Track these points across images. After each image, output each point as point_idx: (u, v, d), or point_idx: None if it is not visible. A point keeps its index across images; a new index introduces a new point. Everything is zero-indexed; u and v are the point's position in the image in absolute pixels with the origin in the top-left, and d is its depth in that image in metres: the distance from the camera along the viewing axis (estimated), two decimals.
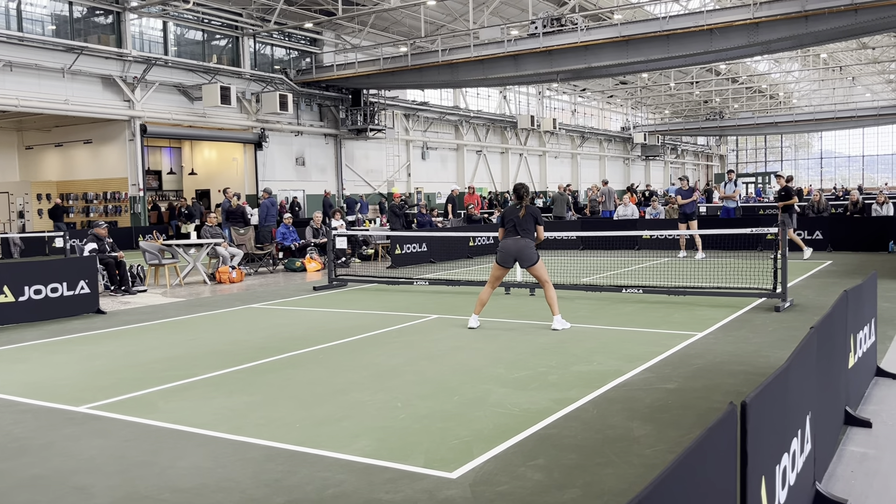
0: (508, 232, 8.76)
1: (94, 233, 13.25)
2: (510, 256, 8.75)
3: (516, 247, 8.69)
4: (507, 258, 8.78)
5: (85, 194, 28.65)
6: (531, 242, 8.68)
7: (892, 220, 17.79)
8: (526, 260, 8.67)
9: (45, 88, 23.62)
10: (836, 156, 73.29)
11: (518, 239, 8.68)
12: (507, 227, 8.77)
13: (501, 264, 8.85)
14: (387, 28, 34.57)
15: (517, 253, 8.69)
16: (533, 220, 8.69)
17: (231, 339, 8.59)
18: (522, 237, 8.66)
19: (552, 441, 4.71)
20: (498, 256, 8.85)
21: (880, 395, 5.65)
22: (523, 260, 8.70)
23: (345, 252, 17.30)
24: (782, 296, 9.65)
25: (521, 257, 8.70)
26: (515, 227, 8.70)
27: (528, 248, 8.65)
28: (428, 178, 39.90)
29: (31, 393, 6.30)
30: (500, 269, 8.89)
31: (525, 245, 8.64)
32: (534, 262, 8.65)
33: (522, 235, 8.65)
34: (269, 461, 4.50)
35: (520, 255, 8.69)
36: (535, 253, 8.69)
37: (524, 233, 8.65)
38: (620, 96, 58.12)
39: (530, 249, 8.66)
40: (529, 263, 8.67)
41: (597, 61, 26.11)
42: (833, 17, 21.61)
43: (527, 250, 8.64)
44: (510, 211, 8.85)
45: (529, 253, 8.64)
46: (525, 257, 8.66)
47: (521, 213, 8.65)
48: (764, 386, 2.73)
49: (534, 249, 8.69)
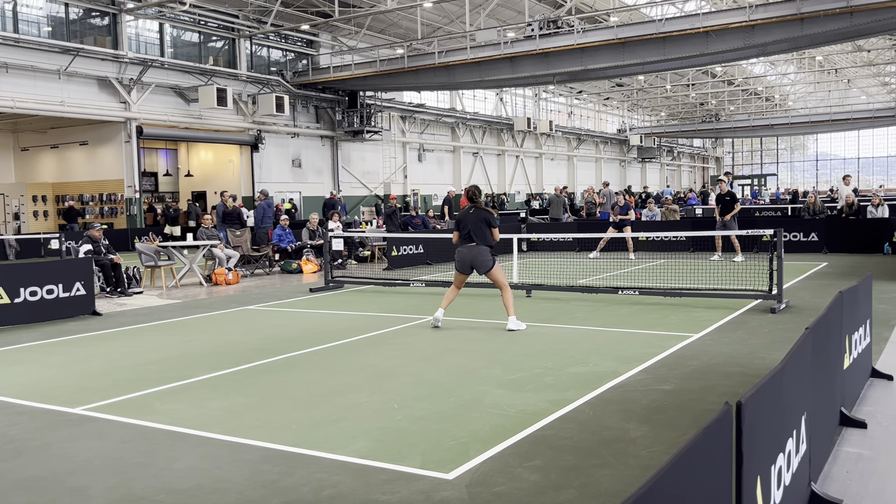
0: (464, 238, 8.82)
1: (89, 234, 13.23)
2: (466, 264, 8.84)
3: (471, 255, 8.77)
4: (464, 266, 8.89)
5: (81, 196, 28.59)
6: (486, 249, 8.71)
7: (888, 222, 17.84)
8: (481, 267, 8.75)
9: (40, 90, 23.58)
10: (832, 158, 73.48)
11: (472, 246, 8.74)
12: (463, 234, 8.84)
13: (460, 271, 8.95)
14: (383, 30, 34.59)
15: (472, 260, 8.77)
16: (486, 225, 8.72)
17: (227, 341, 8.58)
18: (477, 244, 8.70)
19: (548, 442, 4.71)
20: (456, 263, 8.97)
21: (875, 396, 5.67)
22: (479, 267, 8.77)
23: (341, 254, 17.30)
24: (778, 297, 9.68)
25: (476, 265, 8.77)
26: (470, 234, 8.75)
27: (482, 255, 8.70)
28: (424, 180, 39.90)
29: (27, 394, 6.29)
30: (460, 274, 8.99)
31: (479, 252, 8.69)
32: (489, 268, 8.73)
33: (477, 242, 8.70)
34: (265, 462, 4.50)
35: (475, 262, 8.76)
36: (489, 259, 8.73)
37: (478, 238, 8.69)
38: (617, 98, 58.20)
39: (484, 256, 8.70)
40: (485, 270, 8.76)
41: (593, 63, 26.16)
42: (828, 19, 21.68)
43: (480, 257, 8.70)
44: (464, 216, 8.89)
45: (483, 260, 8.70)
46: (480, 264, 8.74)
47: (473, 218, 8.72)
48: (759, 386, 2.74)
49: (488, 255, 8.72)
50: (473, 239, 8.72)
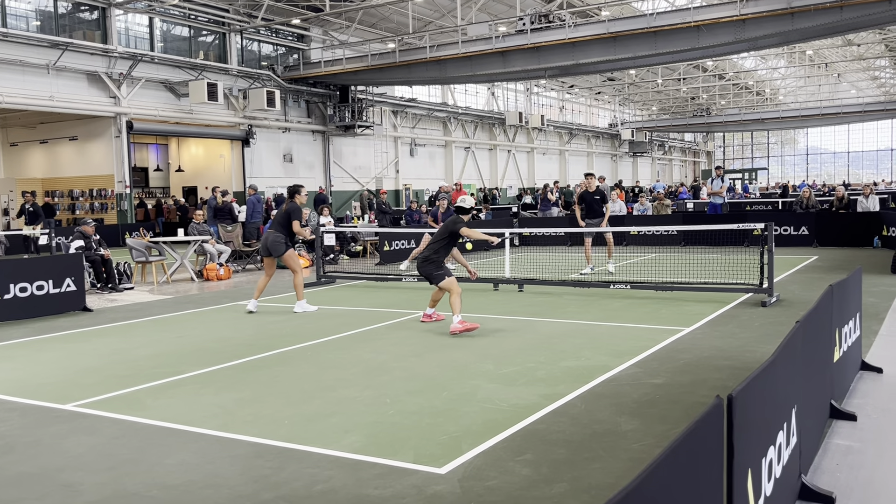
0: (269, 226, 10.36)
1: (80, 230, 13.16)
2: (265, 248, 10.15)
3: (266, 241, 10.10)
4: (263, 249, 10.23)
5: (71, 191, 28.44)
6: (280, 236, 9.89)
7: (877, 216, 17.92)
8: (274, 252, 9.95)
9: (29, 85, 23.42)
10: (822, 152, 73.80)
11: (269, 232, 10.16)
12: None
13: (263, 255, 10.29)
14: (374, 24, 34.49)
15: (268, 245, 9.99)
16: (287, 218, 9.94)
17: (219, 337, 8.56)
18: (274, 231, 10.01)
19: (540, 436, 4.73)
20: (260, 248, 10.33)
21: (865, 389, 5.71)
22: (272, 252, 9.96)
23: (333, 249, 17.27)
24: (769, 291, 9.72)
25: (272, 249, 9.96)
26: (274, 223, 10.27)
27: (276, 242, 9.90)
28: (416, 174, 39.86)
29: (18, 391, 6.27)
30: (267, 259, 10.22)
31: (274, 238, 9.93)
32: (280, 253, 9.92)
33: (275, 230, 9.99)
34: (257, 458, 4.50)
35: (271, 247, 9.95)
36: (282, 245, 9.92)
37: (277, 227, 9.98)
38: (608, 93, 58.27)
39: (278, 243, 9.89)
40: (278, 255, 9.95)
41: (584, 58, 26.18)
42: (819, 13, 21.76)
43: (275, 244, 9.91)
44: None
45: (277, 246, 9.90)
46: (274, 250, 9.94)
47: (283, 210, 10.05)
48: (750, 380, 2.75)
49: (281, 242, 9.89)
50: (273, 227, 10.16)
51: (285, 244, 9.94)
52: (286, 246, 9.95)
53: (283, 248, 9.92)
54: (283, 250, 9.93)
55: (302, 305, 9.97)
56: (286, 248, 9.95)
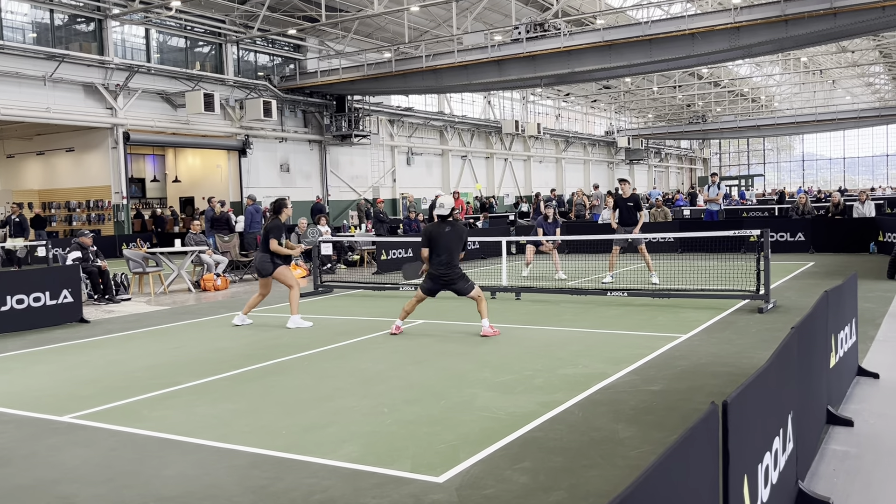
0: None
1: (78, 241, 13.15)
2: (255, 268, 10.24)
3: (255, 261, 10.21)
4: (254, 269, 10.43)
5: (68, 203, 28.43)
6: (266, 255, 9.81)
7: (873, 222, 17.97)
8: (263, 272, 9.88)
9: (26, 96, 23.43)
10: (818, 158, 74.00)
11: (257, 252, 10.27)
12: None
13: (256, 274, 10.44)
14: (371, 34, 34.59)
15: (257, 265, 10.02)
16: (266, 237, 9.87)
17: (216, 347, 8.55)
18: (261, 251, 10.05)
19: (538, 444, 4.72)
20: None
21: (862, 395, 5.71)
22: (261, 272, 9.94)
23: (330, 258, 17.27)
24: (765, 297, 9.73)
25: (260, 269, 9.93)
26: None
27: (262, 262, 9.87)
28: (413, 183, 39.89)
29: (14, 403, 6.25)
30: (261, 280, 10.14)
31: (261, 259, 9.93)
32: (269, 272, 9.89)
33: (262, 249, 10.03)
34: (255, 468, 4.49)
35: (259, 267, 9.94)
36: (269, 265, 9.82)
37: (263, 245, 9.99)
38: (604, 101, 58.41)
39: (264, 262, 9.84)
40: (267, 274, 9.87)
41: (580, 66, 26.27)
42: (813, 21, 21.86)
43: (262, 263, 9.88)
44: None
45: (265, 266, 9.84)
46: (262, 270, 9.89)
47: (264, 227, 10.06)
48: (745, 386, 2.75)
49: (268, 262, 9.82)
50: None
51: (272, 262, 9.81)
52: (273, 265, 9.82)
53: (270, 268, 9.82)
54: (272, 269, 9.82)
55: (296, 321, 9.74)
56: (274, 266, 9.82)
